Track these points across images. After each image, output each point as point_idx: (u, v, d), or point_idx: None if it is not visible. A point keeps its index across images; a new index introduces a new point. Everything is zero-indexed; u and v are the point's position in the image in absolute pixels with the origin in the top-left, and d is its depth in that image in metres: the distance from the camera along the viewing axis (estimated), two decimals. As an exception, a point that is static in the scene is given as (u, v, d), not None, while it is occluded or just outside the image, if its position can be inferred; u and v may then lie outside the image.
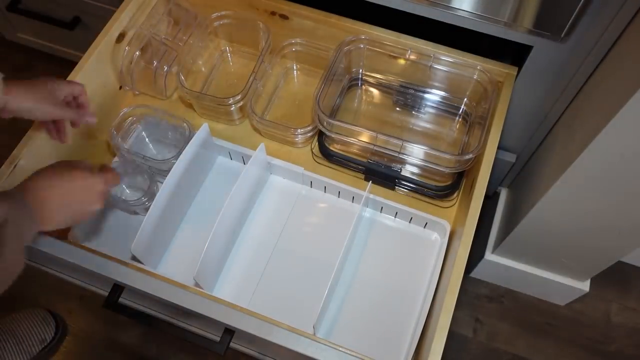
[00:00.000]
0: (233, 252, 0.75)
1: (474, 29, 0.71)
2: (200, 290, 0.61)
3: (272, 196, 0.79)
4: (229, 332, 0.62)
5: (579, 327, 1.15)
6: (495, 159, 0.70)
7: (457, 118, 0.81)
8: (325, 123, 0.72)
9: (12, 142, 0.69)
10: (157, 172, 0.76)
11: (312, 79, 0.86)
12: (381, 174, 0.75)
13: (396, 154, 0.71)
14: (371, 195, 0.75)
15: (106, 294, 0.68)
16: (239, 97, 0.75)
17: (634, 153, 0.63)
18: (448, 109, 0.81)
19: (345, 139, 0.72)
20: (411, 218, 0.75)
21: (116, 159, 0.77)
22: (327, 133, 0.72)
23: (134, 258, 0.68)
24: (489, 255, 1.07)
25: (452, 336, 1.14)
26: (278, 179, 0.80)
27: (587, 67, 0.71)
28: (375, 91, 0.84)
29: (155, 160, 0.74)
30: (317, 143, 0.80)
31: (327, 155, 0.78)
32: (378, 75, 0.83)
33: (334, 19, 0.78)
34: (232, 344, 0.65)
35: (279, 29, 0.82)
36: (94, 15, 1.13)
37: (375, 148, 0.72)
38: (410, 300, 0.72)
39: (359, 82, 0.84)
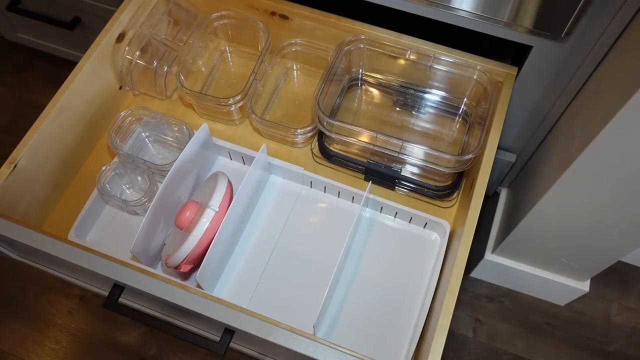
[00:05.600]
0: (233, 252, 0.75)
1: (474, 29, 0.71)
2: (200, 290, 0.61)
3: (272, 196, 0.79)
4: (229, 332, 0.62)
5: (578, 327, 1.15)
6: (495, 159, 0.70)
7: (457, 118, 0.81)
8: (325, 123, 0.72)
9: (12, 142, 0.69)
10: (157, 172, 0.76)
11: (312, 79, 0.86)
12: (381, 174, 0.75)
13: (396, 154, 0.71)
14: (371, 195, 0.75)
15: (106, 294, 0.68)
16: (239, 97, 0.75)
17: (634, 153, 0.63)
18: (448, 109, 0.81)
19: (345, 139, 0.72)
20: (411, 218, 0.75)
21: (116, 159, 0.77)
22: (327, 133, 0.72)
23: (134, 258, 0.68)
24: (489, 255, 1.07)
25: (452, 336, 1.14)
26: (278, 179, 0.80)
27: (587, 67, 0.71)
28: (375, 91, 0.84)
29: (155, 164, 0.74)
30: (317, 143, 0.80)
31: (327, 155, 0.78)
32: (378, 75, 0.83)
33: (334, 19, 0.78)
34: (232, 344, 0.65)
35: (279, 29, 0.82)
36: (94, 15, 1.13)
37: (375, 148, 0.72)
38: (410, 300, 0.72)
39: (359, 82, 0.84)
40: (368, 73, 0.83)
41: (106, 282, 0.70)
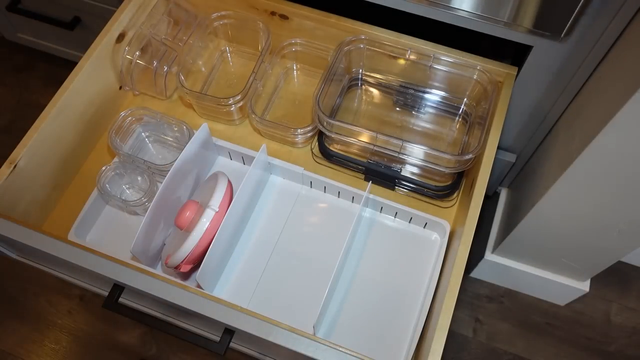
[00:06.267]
0: (233, 252, 0.75)
1: (474, 29, 0.71)
2: (200, 290, 0.61)
3: (272, 196, 0.79)
4: (229, 332, 0.62)
5: (578, 327, 1.15)
6: (495, 158, 0.70)
7: (457, 118, 0.81)
8: (325, 123, 0.72)
9: (12, 142, 0.69)
10: (157, 172, 0.76)
11: (312, 79, 0.86)
12: (381, 174, 0.75)
13: (396, 154, 0.71)
14: (371, 195, 0.75)
15: (106, 294, 0.68)
16: (239, 97, 0.75)
17: (634, 153, 0.63)
18: (448, 109, 0.81)
19: (345, 139, 0.72)
20: (411, 218, 0.75)
21: (116, 159, 0.77)
22: (327, 133, 0.72)
23: (134, 258, 0.68)
24: (489, 255, 1.07)
25: (452, 336, 1.14)
26: (278, 179, 0.80)
27: (587, 67, 0.71)
28: (375, 91, 0.84)
29: (155, 164, 0.74)
30: (317, 143, 0.80)
31: (327, 155, 0.78)
32: (378, 75, 0.83)
33: (334, 19, 0.78)
34: (232, 344, 0.65)
35: (279, 29, 0.82)
36: (94, 15, 1.13)
37: (375, 148, 0.72)
38: (410, 300, 0.72)
39: (359, 82, 0.84)
40: (368, 73, 0.83)
41: (106, 282, 0.70)
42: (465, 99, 0.80)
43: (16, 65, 1.47)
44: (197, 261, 0.67)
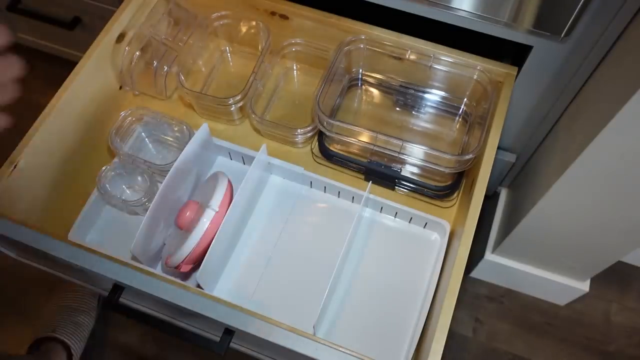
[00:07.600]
0: (233, 252, 0.75)
1: (474, 29, 0.71)
2: (201, 290, 0.61)
3: (272, 196, 0.79)
4: (229, 332, 0.62)
5: (578, 327, 1.15)
6: (495, 158, 0.70)
7: (457, 118, 0.81)
8: (325, 123, 0.72)
9: (12, 142, 0.69)
10: (157, 172, 0.76)
11: (312, 79, 0.86)
12: (381, 174, 0.75)
13: (396, 154, 0.71)
14: (371, 195, 0.75)
15: (106, 294, 0.68)
16: (239, 97, 0.75)
17: (634, 153, 0.63)
18: (448, 109, 0.81)
19: (345, 139, 0.72)
20: (411, 218, 0.75)
21: (116, 159, 0.77)
22: (327, 133, 0.72)
23: (134, 258, 0.68)
24: (489, 255, 1.07)
25: (452, 336, 1.14)
26: (278, 179, 0.80)
27: (587, 67, 0.71)
28: (375, 91, 0.84)
29: (156, 164, 0.74)
30: (317, 143, 0.80)
31: (327, 155, 0.78)
32: (378, 75, 0.83)
33: (334, 19, 0.78)
34: (232, 344, 0.65)
35: (279, 29, 0.82)
36: (94, 15, 1.13)
37: (375, 148, 0.72)
38: (410, 300, 0.72)
39: (359, 82, 0.84)
40: (368, 73, 0.83)
41: (106, 282, 0.70)
42: (465, 99, 0.80)
43: (16, 65, 1.47)
44: (197, 261, 0.67)
